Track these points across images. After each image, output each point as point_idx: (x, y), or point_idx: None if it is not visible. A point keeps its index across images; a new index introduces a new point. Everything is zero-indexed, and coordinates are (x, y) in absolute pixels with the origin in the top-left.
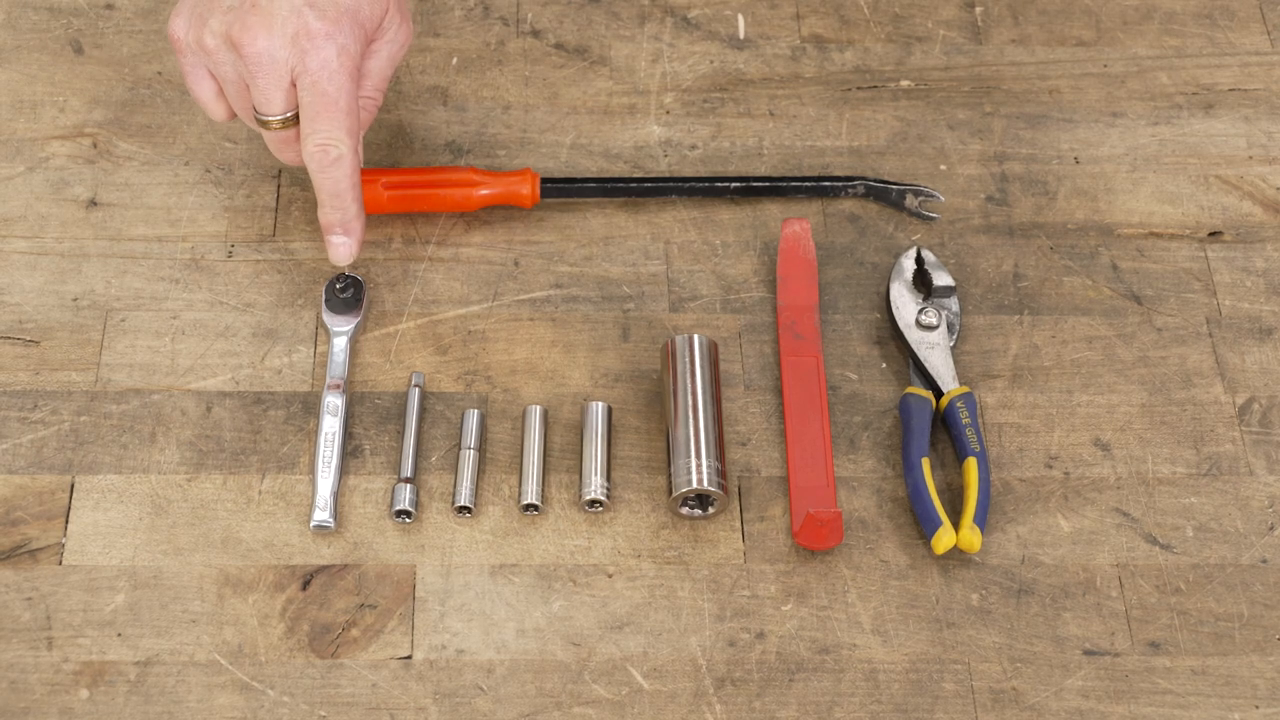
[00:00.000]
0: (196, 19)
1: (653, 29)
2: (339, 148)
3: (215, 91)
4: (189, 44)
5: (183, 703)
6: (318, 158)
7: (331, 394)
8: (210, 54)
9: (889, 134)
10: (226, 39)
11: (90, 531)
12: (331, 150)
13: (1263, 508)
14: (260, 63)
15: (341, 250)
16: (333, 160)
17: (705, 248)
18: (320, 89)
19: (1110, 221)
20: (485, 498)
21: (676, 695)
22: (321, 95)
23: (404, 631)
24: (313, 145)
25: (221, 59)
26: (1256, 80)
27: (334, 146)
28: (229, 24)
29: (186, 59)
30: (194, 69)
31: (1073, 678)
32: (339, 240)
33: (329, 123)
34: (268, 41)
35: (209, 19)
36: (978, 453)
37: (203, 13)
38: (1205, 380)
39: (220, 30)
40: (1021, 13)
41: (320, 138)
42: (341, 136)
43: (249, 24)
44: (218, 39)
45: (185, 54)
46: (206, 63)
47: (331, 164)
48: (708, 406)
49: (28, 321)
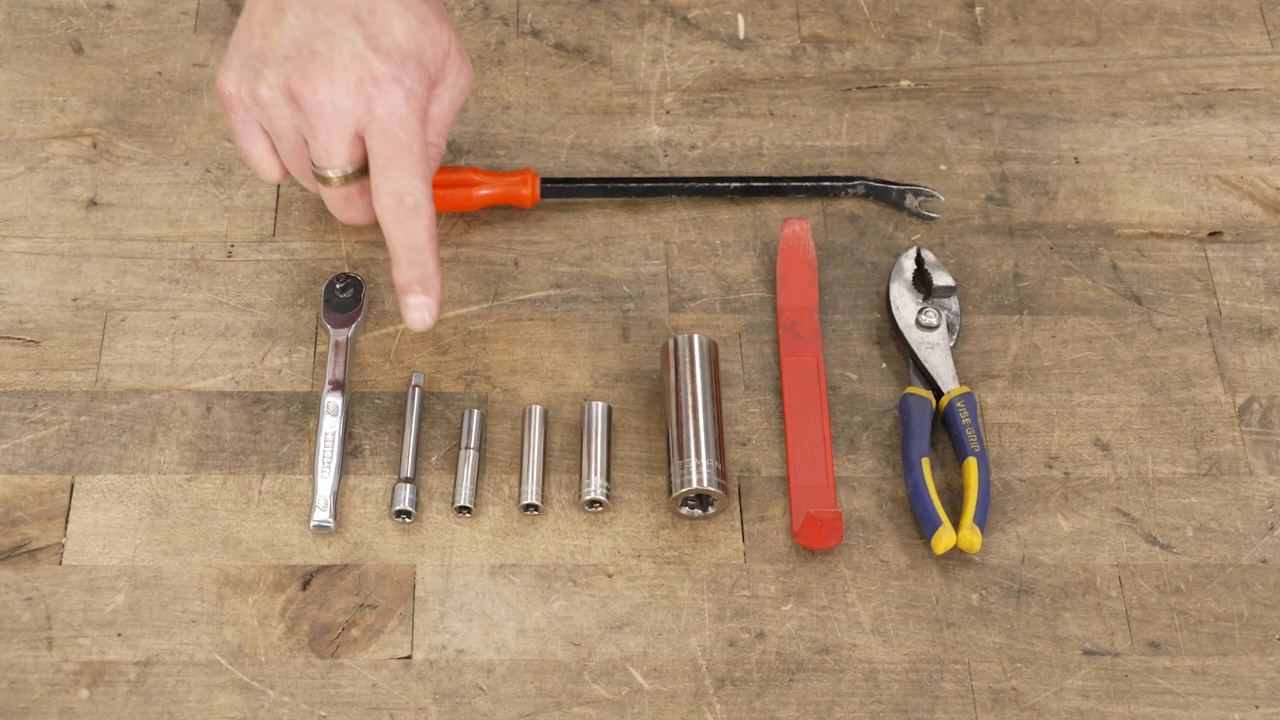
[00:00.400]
0: (249, 72)
1: (653, 29)
2: (416, 196)
3: (269, 149)
4: (241, 98)
5: (183, 703)
6: (394, 208)
7: (331, 394)
8: (266, 108)
9: (889, 134)
10: (285, 90)
11: (90, 531)
12: (408, 199)
13: (1263, 508)
14: (322, 114)
15: (421, 313)
16: (410, 210)
17: (705, 248)
18: (391, 135)
19: (1110, 221)
20: (485, 498)
21: (676, 695)
22: (393, 142)
23: (404, 631)
24: (387, 195)
25: (278, 112)
26: (1256, 80)
27: (410, 195)
28: (287, 74)
29: (238, 115)
30: (245, 125)
31: (1073, 678)
32: (417, 301)
33: (403, 170)
34: (329, 90)
35: (264, 71)
36: (978, 453)
37: (256, 65)
38: (1205, 380)
39: (277, 82)
40: (1021, 13)
41: (394, 186)
42: (418, 184)
43: (309, 73)
44: (274, 91)
45: (237, 109)
46: (260, 118)
47: (409, 214)
48: (708, 406)
49: (28, 321)
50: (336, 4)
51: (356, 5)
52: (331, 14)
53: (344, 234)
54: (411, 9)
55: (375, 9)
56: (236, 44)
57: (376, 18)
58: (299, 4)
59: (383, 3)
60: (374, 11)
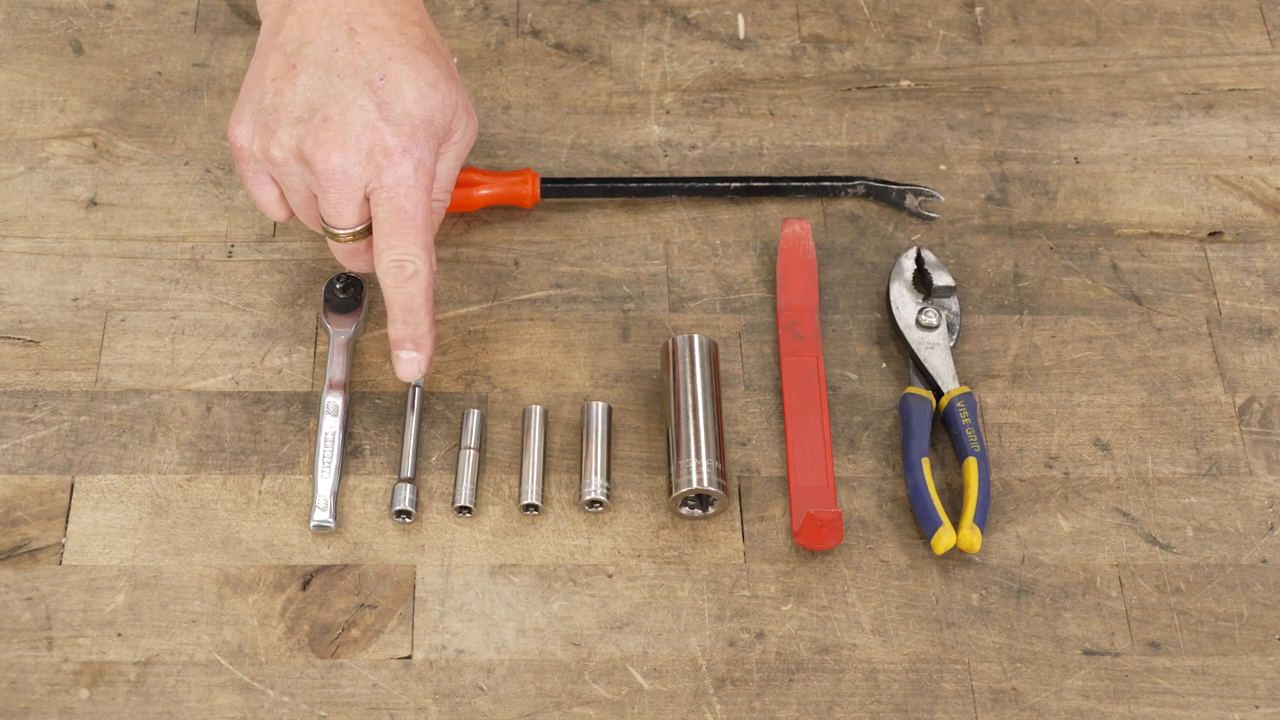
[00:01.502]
0: (262, 129)
1: (653, 29)
2: (415, 263)
3: (277, 196)
4: (253, 153)
5: (183, 703)
6: (393, 274)
7: (331, 394)
8: (277, 165)
9: (889, 134)
10: (297, 153)
11: (90, 531)
12: (408, 266)
13: (1263, 508)
14: (333, 179)
15: (410, 366)
16: (408, 276)
17: (705, 248)
18: (396, 205)
19: (1110, 221)
20: (485, 498)
21: (676, 695)
22: (398, 212)
23: (404, 631)
24: (388, 261)
25: (289, 171)
26: (1256, 80)
27: (410, 262)
28: (300, 138)
29: (249, 166)
30: (255, 174)
31: (1073, 678)
32: (408, 356)
33: (405, 239)
34: (342, 158)
35: (276, 130)
36: (978, 453)
37: (268, 122)
38: (1205, 380)
39: (290, 144)
40: (1021, 13)
41: (396, 254)
42: (418, 252)
43: (321, 139)
44: (286, 152)
45: (248, 161)
46: (271, 171)
47: (407, 280)
48: (708, 406)
49: (28, 321)
50: (349, 67)
51: (369, 69)
52: (344, 77)
53: None
54: (423, 74)
55: (387, 74)
56: (248, 95)
57: (388, 84)
58: (312, 63)
59: (395, 67)
60: (386, 78)
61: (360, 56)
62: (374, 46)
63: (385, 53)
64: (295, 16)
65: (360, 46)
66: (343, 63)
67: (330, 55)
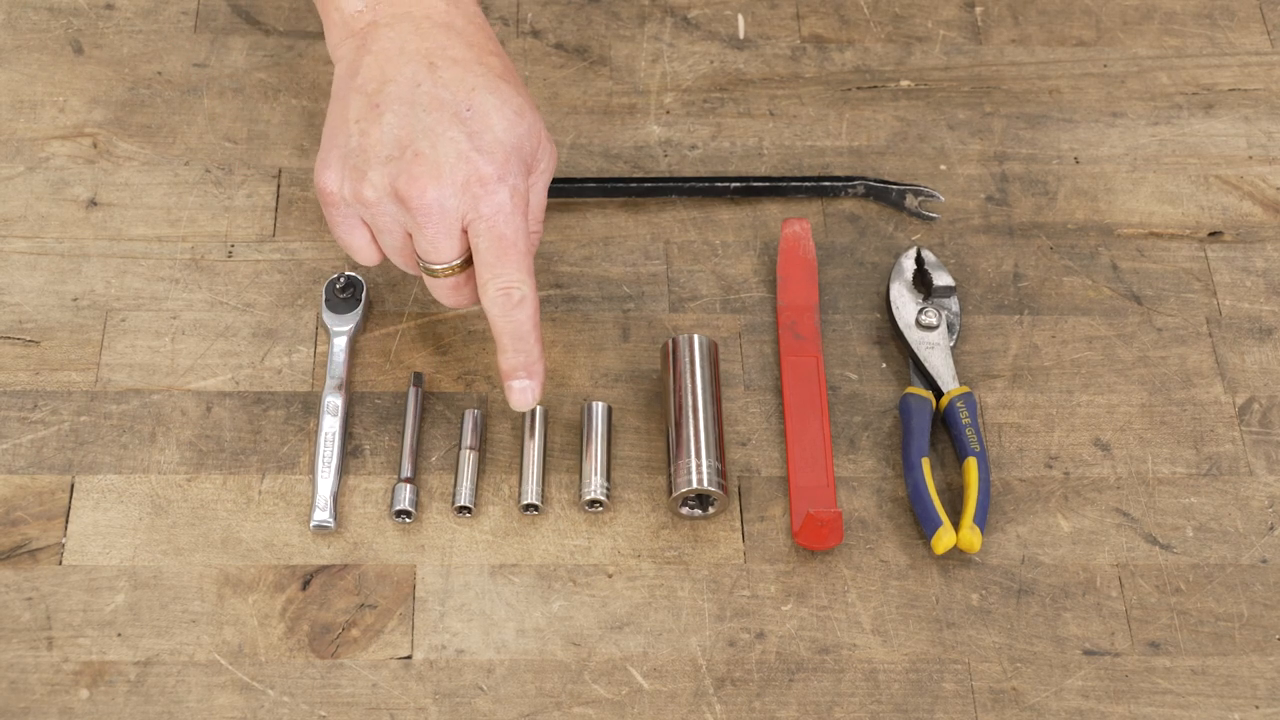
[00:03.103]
0: (352, 171)
1: (653, 29)
2: (521, 289)
3: (369, 240)
4: (344, 197)
5: (183, 703)
6: (501, 302)
7: (332, 394)
8: (370, 207)
9: (889, 134)
10: (391, 192)
11: (90, 531)
12: (515, 293)
13: (1263, 508)
14: (429, 214)
15: (525, 396)
16: (516, 303)
17: (705, 248)
18: (498, 233)
19: (1110, 221)
20: (485, 498)
21: (676, 695)
22: (499, 240)
23: (404, 631)
24: (494, 290)
25: (383, 211)
26: (1256, 80)
27: (517, 289)
28: (393, 176)
29: (339, 210)
30: (345, 219)
31: (1073, 678)
32: (520, 385)
33: (509, 266)
34: (438, 192)
35: (368, 172)
36: (978, 453)
37: (358, 164)
38: (1205, 380)
39: (383, 184)
40: (1021, 13)
41: (502, 282)
42: (523, 278)
43: (415, 175)
44: (380, 192)
45: (339, 206)
46: (363, 214)
47: (515, 307)
48: (708, 406)
49: (28, 321)
50: (434, 100)
51: (455, 102)
52: (431, 111)
53: None
54: (508, 103)
55: (473, 105)
56: (332, 140)
57: (476, 115)
58: (396, 100)
59: (480, 97)
60: (472, 108)
61: (444, 89)
62: (456, 78)
63: (468, 84)
64: (371, 56)
65: (443, 79)
66: (427, 97)
67: (413, 91)
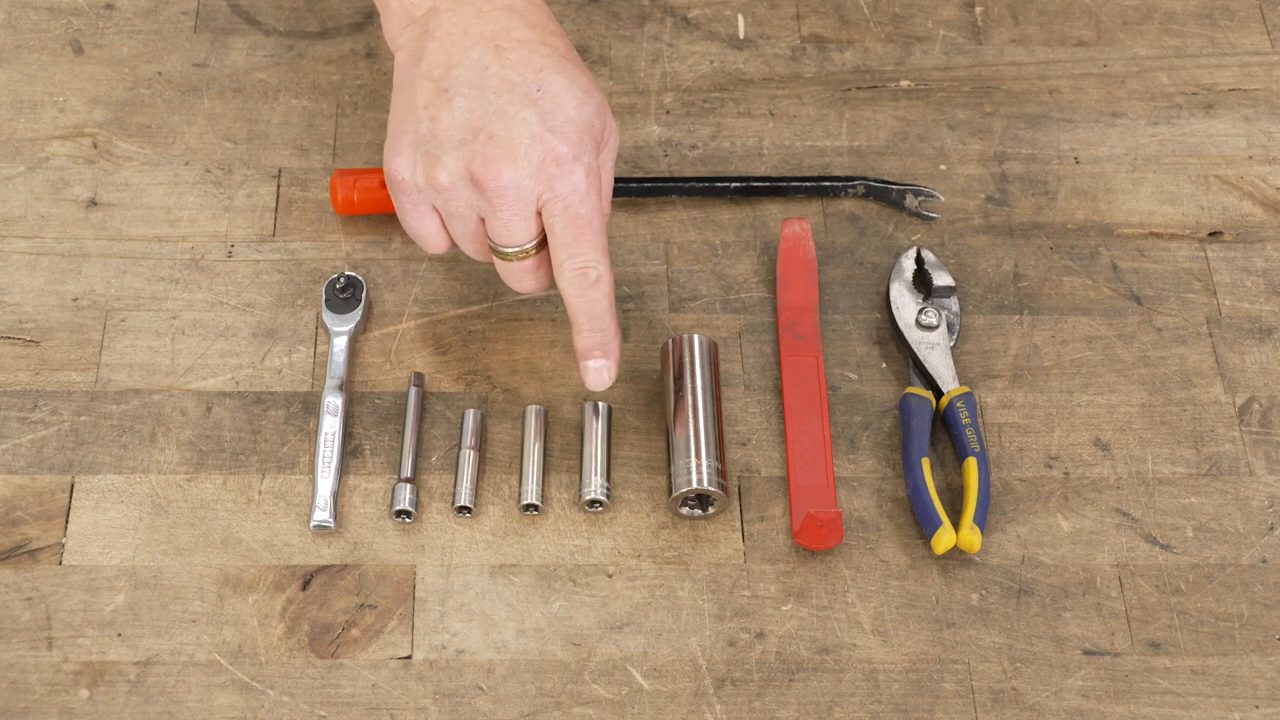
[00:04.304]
0: (425, 157)
1: (653, 29)
2: (598, 268)
3: (439, 226)
4: (417, 184)
5: (183, 703)
6: (577, 282)
7: (332, 394)
8: (443, 192)
9: (889, 134)
10: (466, 175)
11: (90, 531)
12: (590, 273)
13: (1263, 508)
14: (505, 196)
15: (602, 375)
16: (592, 283)
17: (705, 248)
18: (574, 213)
19: (1110, 221)
20: (485, 498)
21: (676, 695)
22: (575, 219)
23: (404, 631)
24: (571, 270)
25: (456, 195)
26: (1256, 80)
27: (593, 268)
28: (467, 160)
29: (410, 197)
30: (417, 206)
31: (1073, 678)
32: (596, 365)
33: (585, 245)
34: (514, 174)
35: (441, 157)
36: (978, 453)
37: (430, 150)
38: (1205, 380)
39: (458, 168)
40: (1021, 13)
41: (579, 261)
42: (599, 257)
43: (491, 157)
44: (454, 176)
45: (410, 193)
46: (434, 200)
47: (591, 286)
48: (708, 406)
49: (28, 321)
50: (504, 83)
51: (524, 83)
52: (501, 94)
53: (344, 234)
54: (576, 82)
55: (543, 85)
56: (400, 127)
57: (546, 95)
58: (464, 84)
59: (548, 77)
60: (542, 88)
61: (513, 71)
62: (523, 60)
63: (536, 65)
64: (435, 42)
65: (510, 61)
66: (496, 79)
67: (481, 74)
